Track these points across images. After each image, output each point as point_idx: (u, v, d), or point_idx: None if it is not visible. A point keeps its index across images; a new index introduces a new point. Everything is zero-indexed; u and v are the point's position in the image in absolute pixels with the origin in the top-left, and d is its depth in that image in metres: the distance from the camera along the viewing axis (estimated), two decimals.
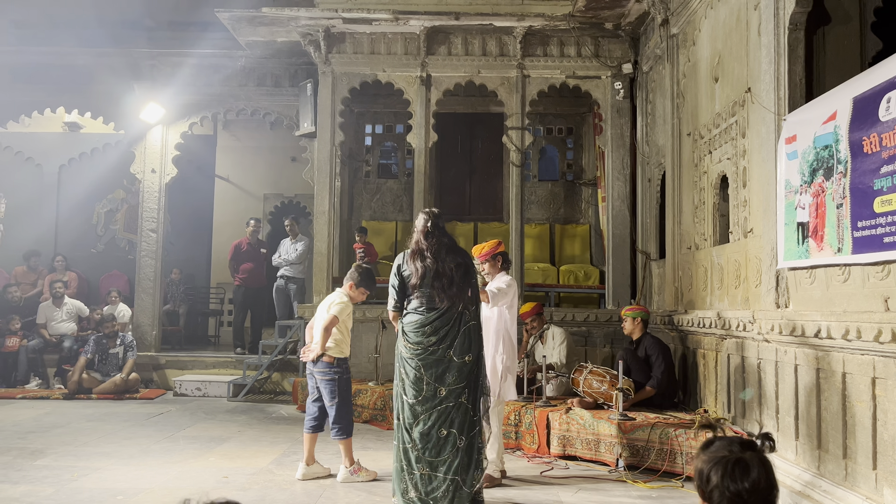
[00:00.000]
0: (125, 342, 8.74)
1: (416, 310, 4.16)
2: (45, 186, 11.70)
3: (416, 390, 4.07)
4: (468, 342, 4.11)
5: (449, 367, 4.07)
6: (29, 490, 4.46)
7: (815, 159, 4.04)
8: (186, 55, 9.28)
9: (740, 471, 1.60)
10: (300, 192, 11.98)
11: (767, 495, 1.60)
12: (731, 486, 1.59)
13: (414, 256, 4.19)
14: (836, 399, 3.83)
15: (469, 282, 4.20)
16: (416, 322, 4.14)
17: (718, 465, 1.62)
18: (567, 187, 10.77)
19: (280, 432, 6.55)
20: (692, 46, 6.54)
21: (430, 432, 4.02)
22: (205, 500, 0.90)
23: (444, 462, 4.00)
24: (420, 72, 8.53)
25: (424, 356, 4.08)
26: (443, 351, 4.08)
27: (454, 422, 4.04)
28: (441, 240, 4.22)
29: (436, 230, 4.23)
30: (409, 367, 4.11)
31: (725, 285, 5.62)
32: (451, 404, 4.04)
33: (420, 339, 4.10)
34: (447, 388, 4.05)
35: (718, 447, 1.66)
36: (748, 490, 1.59)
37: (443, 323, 4.10)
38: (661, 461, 5.06)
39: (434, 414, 4.03)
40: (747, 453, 1.64)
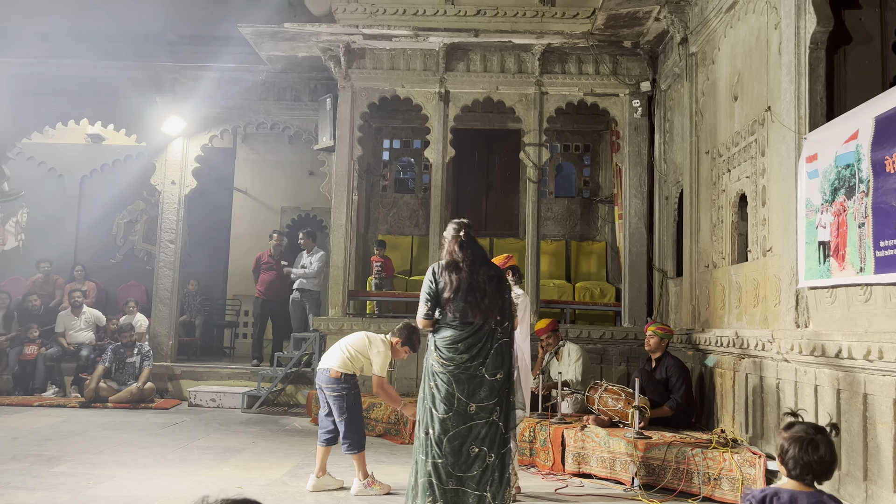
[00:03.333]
0: (142, 351, 8.81)
1: (449, 324, 4.08)
2: (67, 197, 11.86)
3: (447, 405, 3.99)
4: (500, 359, 4.05)
5: (481, 384, 4.00)
6: (46, 496, 4.49)
7: (837, 178, 4.03)
8: (208, 69, 9.41)
9: (812, 448, 2.28)
10: (317, 205, 12.06)
11: (830, 466, 2.30)
12: (804, 457, 2.27)
13: (448, 268, 4.09)
14: (857, 420, 3.79)
15: (502, 295, 4.13)
16: (449, 338, 4.05)
17: (796, 442, 2.29)
18: (583, 204, 10.77)
19: (294, 444, 6.55)
20: (711, 65, 6.55)
21: (462, 449, 3.95)
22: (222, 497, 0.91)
23: (473, 478, 3.93)
24: (438, 88, 8.59)
25: (456, 372, 4.01)
26: (475, 368, 4.01)
27: (485, 439, 3.97)
28: (475, 251, 4.14)
29: (469, 241, 4.15)
30: (441, 381, 4.03)
31: (744, 304, 5.58)
32: (481, 421, 3.98)
33: (452, 356, 4.02)
34: (478, 404, 3.98)
35: (797, 429, 2.32)
36: (816, 461, 2.27)
37: (476, 340, 4.02)
38: (677, 481, 5.00)
39: (464, 430, 3.96)
40: (819, 436, 2.30)
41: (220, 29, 9.15)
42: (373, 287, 9.54)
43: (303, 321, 9.55)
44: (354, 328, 7.43)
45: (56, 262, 10.86)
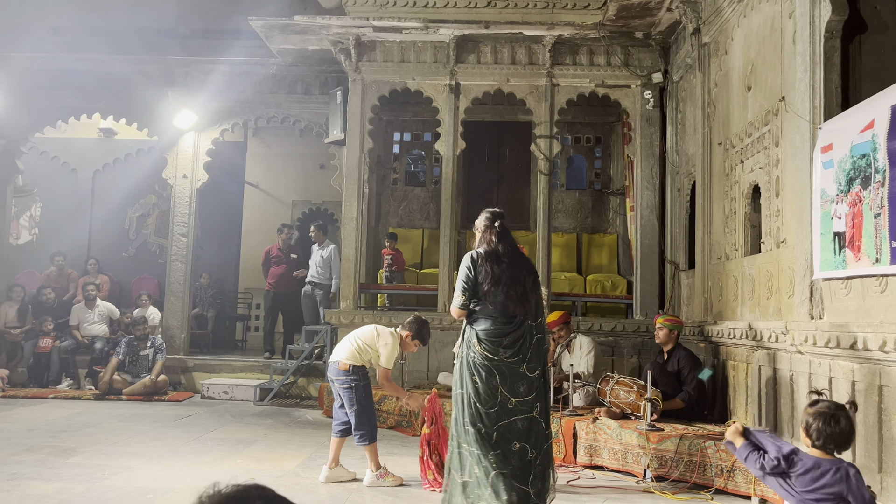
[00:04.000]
0: (155, 344, 8.87)
1: (489, 316, 3.99)
2: (80, 191, 11.94)
3: (492, 399, 3.91)
4: (537, 356, 4.01)
5: (521, 380, 3.95)
6: (61, 487, 4.54)
7: (852, 168, 3.99)
8: (219, 62, 9.43)
9: (834, 421, 2.67)
10: (328, 198, 12.08)
11: (849, 438, 2.71)
12: (827, 429, 2.66)
13: (489, 259, 4.00)
14: (872, 412, 3.76)
15: (538, 291, 4.09)
16: (493, 331, 3.96)
17: (820, 416, 2.67)
18: (595, 196, 10.73)
19: (306, 436, 6.58)
20: (724, 55, 6.50)
21: (507, 444, 3.90)
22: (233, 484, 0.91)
23: (517, 477, 3.85)
24: (449, 80, 8.57)
25: (500, 367, 3.93)
26: (517, 364, 3.95)
27: (527, 435, 3.92)
28: (512, 243, 4.08)
29: (504, 232, 4.08)
30: (483, 374, 3.93)
31: (757, 296, 5.55)
32: (521, 416, 3.92)
33: (496, 349, 3.94)
34: (518, 399, 3.92)
35: (821, 406, 2.71)
36: (837, 433, 2.66)
37: (518, 336, 3.96)
38: (689, 473, 4.99)
39: (506, 425, 3.90)
40: (840, 411, 2.70)
41: (230, 22, 9.16)
42: (384, 280, 9.55)
43: (314, 314, 9.58)
44: (366, 321, 7.44)
45: (69, 255, 10.94)
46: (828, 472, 2.61)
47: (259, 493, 0.92)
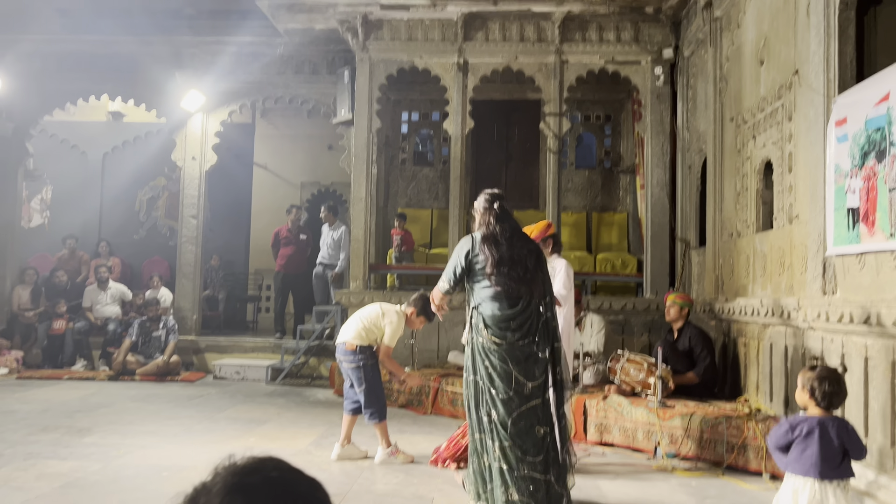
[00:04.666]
0: (167, 325, 8.93)
1: (494, 300, 3.84)
2: (89, 174, 11.98)
3: (507, 385, 3.77)
4: (546, 336, 3.87)
5: (535, 362, 3.82)
6: (77, 466, 4.59)
7: (867, 142, 3.93)
8: (226, 43, 9.38)
9: (836, 383, 3.02)
10: (337, 179, 12.06)
11: (845, 396, 3.12)
12: (830, 389, 2.99)
13: (487, 241, 3.87)
14: (885, 387, 3.74)
15: (543, 269, 3.96)
16: (499, 316, 3.83)
17: (823, 379, 3.00)
18: (605, 175, 10.66)
19: (318, 415, 6.63)
20: (736, 29, 6.40)
21: (530, 431, 3.75)
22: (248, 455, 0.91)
23: (542, 462, 3.73)
24: (457, 58, 8.50)
25: (511, 351, 3.80)
26: (528, 346, 3.82)
27: (546, 418, 3.80)
28: (512, 224, 3.96)
29: (504, 213, 3.96)
30: (495, 359, 3.81)
31: (769, 273, 5.51)
32: (538, 400, 3.80)
33: (504, 333, 3.81)
34: (533, 383, 3.80)
35: (820, 370, 3.07)
36: (838, 392, 3.01)
37: (526, 317, 3.83)
38: (700, 449, 4.99)
39: (526, 411, 3.77)
40: (837, 374, 3.08)
41: (237, 2, 9.09)
42: (393, 260, 9.56)
43: (325, 294, 9.61)
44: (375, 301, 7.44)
45: (81, 238, 11.00)
46: (833, 428, 2.94)
47: (275, 465, 0.92)
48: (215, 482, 0.88)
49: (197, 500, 0.86)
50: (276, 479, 0.89)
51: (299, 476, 0.93)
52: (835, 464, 2.88)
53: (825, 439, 2.90)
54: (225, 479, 0.88)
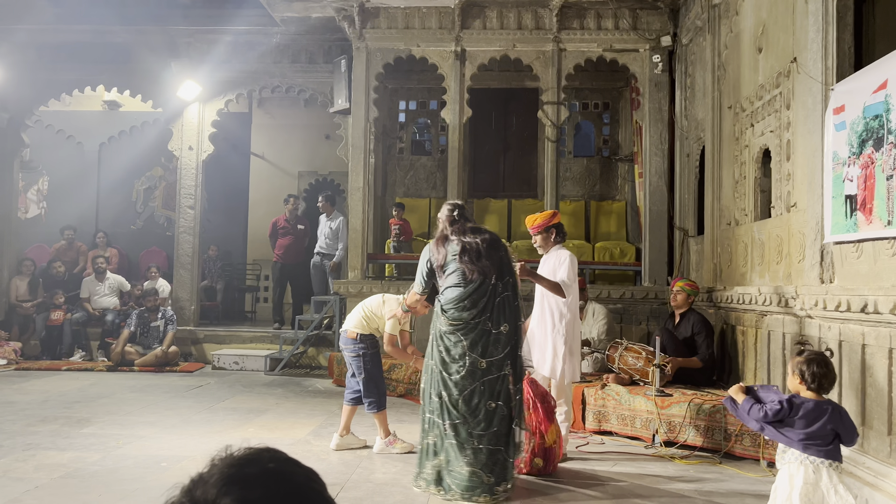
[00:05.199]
0: (166, 316, 8.93)
1: (453, 286, 4.15)
2: (86, 164, 11.95)
3: (461, 365, 4.04)
4: (503, 313, 4.10)
5: (489, 339, 4.06)
6: (77, 456, 4.60)
7: (865, 130, 3.92)
8: (222, 32, 9.33)
9: (825, 365, 3.04)
10: (334, 169, 12.03)
11: (835, 379, 3.15)
12: (820, 371, 3.01)
13: (438, 242, 4.26)
14: (882, 375, 3.75)
15: (497, 252, 4.19)
16: (453, 298, 4.11)
17: (812, 362, 3.03)
18: (603, 163, 10.64)
19: (316, 405, 6.64)
20: (735, 16, 6.37)
21: (479, 406, 4.00)
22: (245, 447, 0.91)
23: (493, 434, 3.98)
24: (454, 46, 8.46)
25: (465, 330, 4.06)
26: (483, 323, 4.07)
27: (500, 394, 4.03)
28: (465, 224, 4.27)
29: (461, 218, 4.29)
30: (450, 342, 4.08)
31: (766, 261, 5.51)
32: (493, 376, 4.03)
33: (460, 314, 4.08)
34: (488, 360, 4.04)
35: (809, 354, 3.10)
36: (828, 375, 3.03)
37: (479, 295, 4.08)
38: (698, 437, 5.02)
39: (479, 387, 4.01)
40: (824, 358, 3.09)
41: None
42: (391, 250, 9.55)
43: (324, 284, 9.61)
44: (374, 291, 7.45)
45: (78, 229, 10.98)
46: (826, 412, 2.95)
47: (271, 456, 0.91)
48: (212, 473, 0.88)
49: (193, 491, 0.86)
50: (272, 470, 0.89)
51: (296, 467, 0.93)
52: (823, 444, 2.92)
53: (817, 421, 2.93)
54: (221, 471, 0.88)
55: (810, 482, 2.91)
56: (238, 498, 0.83)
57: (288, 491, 0.87)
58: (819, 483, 2.91)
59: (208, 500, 0.84)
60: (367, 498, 3.95)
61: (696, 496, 4.09)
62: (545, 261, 4.92)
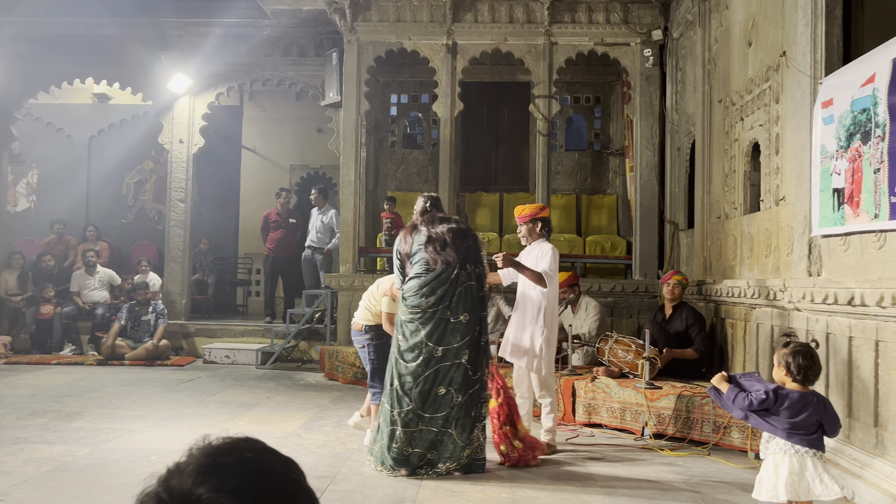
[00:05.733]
0: (157, 310, 8.91)
1: (415, 275, 4.27)
2: (75, 157, 11.88)
3: (416, 353, 4.16)
4: (465, 302, 4.18)
5: (447, 327, 4.15)
6: (66, 450, 4.59)
7: (853, 123, 3.94)
8: (213, 24, 9.28)
9: (810, 357, 3.07)
10: (326, 162, 12.01)
11: (820, 370, 3.15)
12: (805, 363, 3.04)
13: (407, 232, 4.38)
14: (869, 367, 3.78)
15: (463, 243, 4.24)
16: (414, 286, 4.23)
17: (798, 354, 3.05)
18: (594, 157, 10.65)
19: (308, 399, 6.64)
20: (725, 10, 6.38)
21: (430, 391, 4.14)
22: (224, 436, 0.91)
23: (440, 419, 4.12)
24: (446, 39, 8.44)
25: (423, 318, 4.17)
26: (441, 311, 4.16)
27: (452, 380, 4.14)
28: (434, 215, 4.36)
29: (432, 208, 4.39)
30: (408, 330, 4.21)
31: (756, 254, 5.54)
32: (447, 363, 4.14)
33: (419, 302, 4.19)
34: (444, 347, 4.14)
35: (794, 346, 3.11)
36: (813, 367, 3.06)
37: (439, 284, 4.18)
38: (687, 430, 5.05)
39: (431, 374, 4.13)
40: (809, 349, 3.11)
41: None
42: (383, 243, 9.52)
43: (315, 278, 9.59)
44: (365, 284, 7.44)
45: (68, 222, 10.92)
46: (811, 403, 2.99)
47: (248, 446, 0.91)
48: (189, 463, 0.88)
49: (169, 481, 0.86)
50: (249, 460, 0.89)
51: (273, 456, 0.93)
52: (808, 434, 2.96)
53: (802, 412, 2.96)
54: (198, 460, 0.87)
55: (795, 472, 2.94)
56: (213, 487, 0.83)
57: (265, 480, 0.87)
58: (804, 473, 2.93)
59: (184, 490, 0.84)
60: (357, 490, 3.95)
61: (684, 487, 4.12)
62: (528, 252, 4.95)
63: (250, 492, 0.84)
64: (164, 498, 0.84)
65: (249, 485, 0.85)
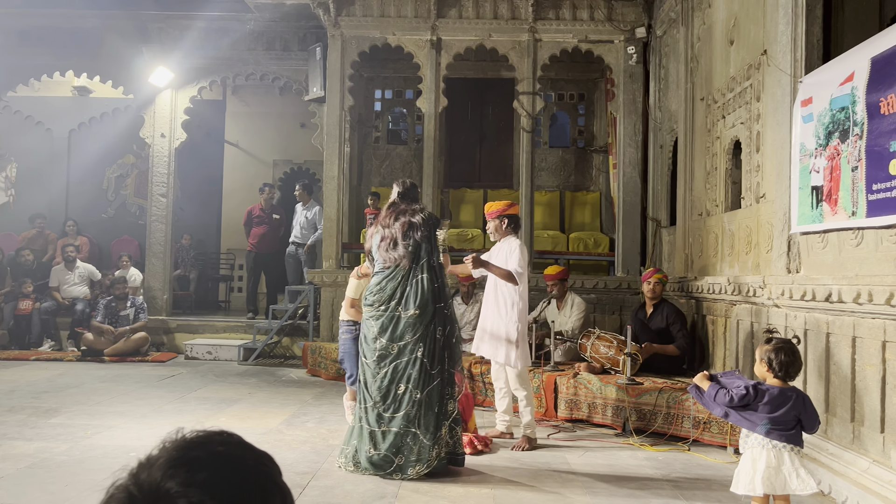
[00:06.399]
0: (136, 304, 8.82)
1: (375, 272, 4.37)
2: (55, 151, 11.72)
3: (373, 349, 4.20)
4: (416, 297, 4.20)
5: (398, 323, 4.18)
6: (43, 447, 4.54)
7: (831, 122, 3.98)
8: (195, 18, 9.19)
9: (792, 354, 3.10)
10: (310, 158, 11.95)
11: (801, 367, 3.22)
12: (787, 360, 3.07)
13: (372, 227, 4.46)
14: (846, 363, 3.82)
15: (413, 236, 4.26)
16: (371, 283, 4.33)
17: (780, 351, 3.08)
18: (578, 154, 10.68)
19: (290, 395, 6.61)
20: (708, 9, 6.42)
21: (389, 389, 4.14)
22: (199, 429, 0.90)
23: (403, 416, 4.11)
24: (430, 35, 8.42)
25: (379, 315, 4.22)
26: (393, 308, 4.21)
27: (409, 377, 4.13)
28: (399, 207, 4.37)
29: (402, 199, 4.42)
30: (367, 327, 4.28)
31: (736, 251, 5.59)
32: (403, 360, 4.15)
33: (373, 299, 4.27)
34: (398, 343, 4.16)
35: (777, 342, 3.14)
36: (794, 363, 3.10)
37: (388, 280, 4.24)
38: (667, 425, 5.08)
39: (389, 371, 4.15)
40: (791, 345, 3.15)
41: None
42: None
43: (298, 274, 9.55)
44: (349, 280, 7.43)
45: (47, 217, 10.80)
46: (790, 398, 3.03)
47: (221, 440, 0.90)
48: (160, 456, 0.86)
49: (139, 474, 0.85)
50: (220, 453, 0.88)
51: (247, 451, 0.92)
52: (785, 429, 3.00)
53: (781, 407, 3.00)
54: (169, 453, 0.86)
55: (772, 466, 2.97)
56: (182, 481, 0.82)
57: (235, 474, 0.86)
58: (781, 467, 2.97)
59: (152, 484, 0.83)
60: (338, 486, 3.94)
61: (663, 482, 4.15)
62: (498, 249, 5.03)
63: (220, 485, 0.83)
64: (133, 491, 0.83)
65: (218, 479, 0.84)
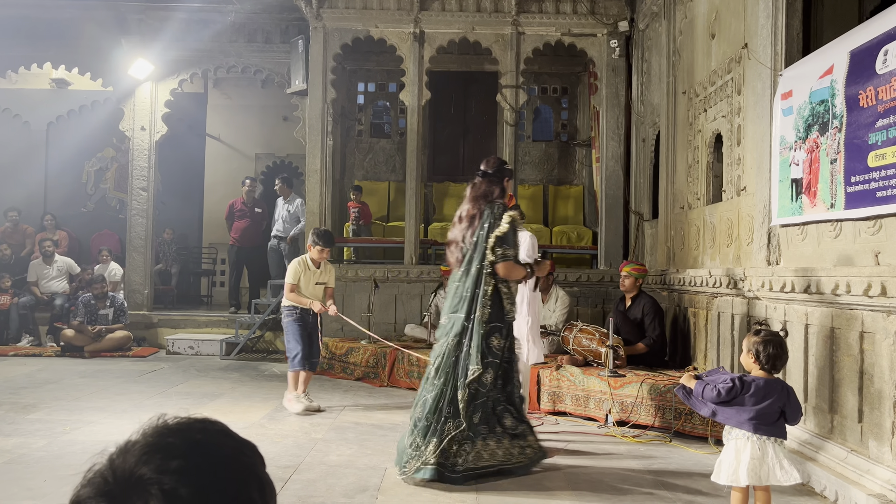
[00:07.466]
0: (115, 304, 8.65)
1: None
2: (33, 144, 11.56)
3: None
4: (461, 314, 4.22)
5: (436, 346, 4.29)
6: (21, 442, 4.48)
7: (811, 114, 4.01)
8: (175, 9, 9.08)
9: (779, 346, 3.12)
10: (292, 151, 11.87)
11: (787, 359, 3.25)
12: (774, 352, 3.08)
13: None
14: (825, 354, 3.86)
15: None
16: None
17: (767, 343, 3.10)
18: (561, 148, 10.69)
19: (272, 389, 6.58)
20: (690, 2, 6.44)
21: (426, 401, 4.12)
22: (182, 416, 0.88)
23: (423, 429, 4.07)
24: (413, 28, 8.39)
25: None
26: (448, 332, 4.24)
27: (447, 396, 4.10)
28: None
29: None
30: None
31: (717, 244, 5.62)
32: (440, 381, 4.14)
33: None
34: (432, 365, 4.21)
35: (764, 335, 3.14)
36: (781, 356, 3.12)
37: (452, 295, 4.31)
38: (650, 417, 5.11)
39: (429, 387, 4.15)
40: (778, 338, 3.18)
41: None
42: (350, 233, 9.48)
43: (281, 268, 9.47)
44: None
45: (25, 211, 10.65)
46: (775, 390, 3.06)
47: (201, 427, 0.88)
48: (137, 441, 0.85)
49: (116, 459, 0.83)
50: (197, 441, 0.86)
51: (227, 439, 0.90)
52: (770, 421, 3.02)
53: (767, 399, 3.02)
54: (146, 439, 0.85)
55: (756, 458, 3.00)
56: (156, 468, 0.81)
57: (210, 462, 0.85)
58: (765, 458, 3.00)
59: (126, 470, 0.81)
60: (321, 480, 3.93)
61: (645, 474, 4.17)
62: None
63: (194, 473, 0.82)
64: (107, 476, 0.82)
65: (194, 466, 0.82)
